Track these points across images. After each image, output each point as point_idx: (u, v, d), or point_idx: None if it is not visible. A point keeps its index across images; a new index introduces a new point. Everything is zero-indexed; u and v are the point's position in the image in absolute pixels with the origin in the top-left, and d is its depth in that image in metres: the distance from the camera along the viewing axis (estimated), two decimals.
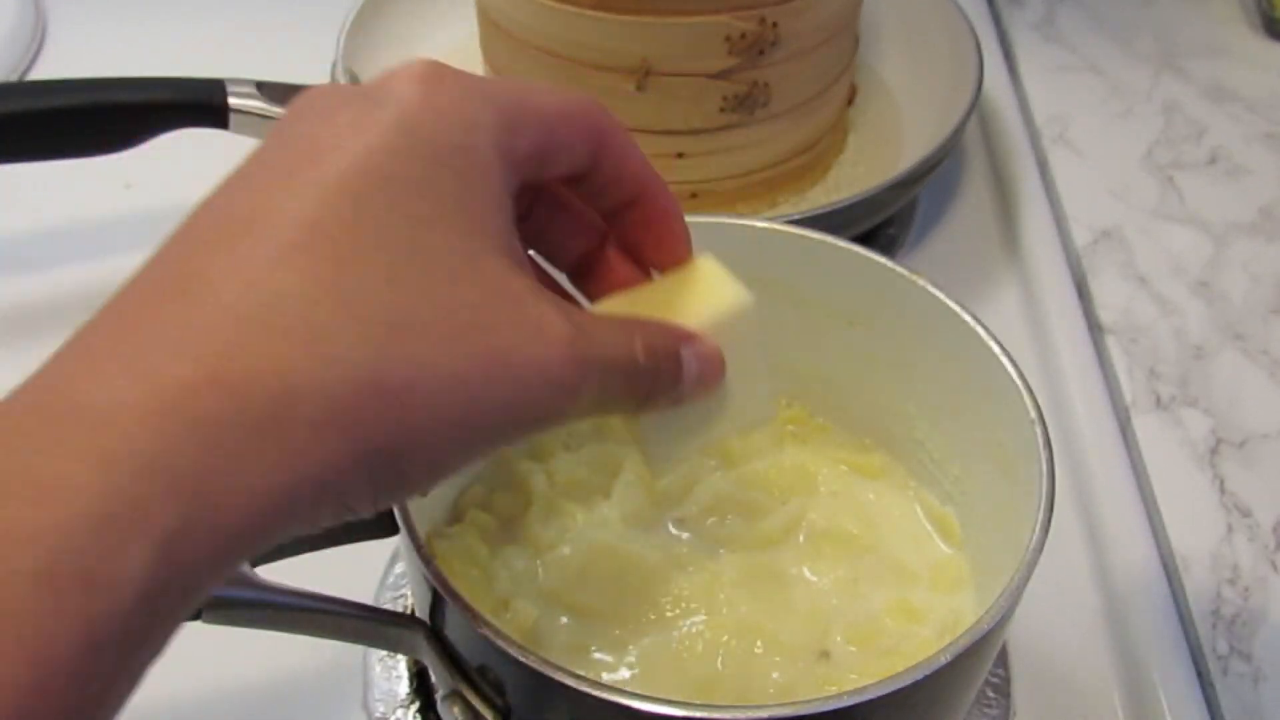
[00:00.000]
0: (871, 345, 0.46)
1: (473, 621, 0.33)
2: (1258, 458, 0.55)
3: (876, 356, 0.46)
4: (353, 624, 0.38)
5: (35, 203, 0.71)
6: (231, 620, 0.37)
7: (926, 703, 0.34)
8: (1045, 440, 0.38)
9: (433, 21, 0.78)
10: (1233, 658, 0.48)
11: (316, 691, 0.48)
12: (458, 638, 0.36)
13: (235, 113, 0.63)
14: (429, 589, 0.35)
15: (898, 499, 0.46)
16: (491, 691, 0.36)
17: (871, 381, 0.47)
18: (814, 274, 0.46)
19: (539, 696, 0.34)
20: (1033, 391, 0.40)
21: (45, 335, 0.27)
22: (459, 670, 0.37)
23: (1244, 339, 0.61)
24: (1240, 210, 0.69)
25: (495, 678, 0.35)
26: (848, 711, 0.31)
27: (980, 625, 0.33)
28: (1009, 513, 0.40)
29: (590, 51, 0.59)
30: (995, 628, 0.33)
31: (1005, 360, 0.41)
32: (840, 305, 0.46)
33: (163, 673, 0.25)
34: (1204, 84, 0.79)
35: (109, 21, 0.87)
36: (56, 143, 0.62)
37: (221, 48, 0.84)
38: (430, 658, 0.38)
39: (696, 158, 0.63)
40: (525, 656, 0.32)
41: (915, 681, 0.32)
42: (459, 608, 0.33)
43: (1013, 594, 0.34)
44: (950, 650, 0.32)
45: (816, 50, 0.62)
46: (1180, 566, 0.51)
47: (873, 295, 0.45)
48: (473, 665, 0.36)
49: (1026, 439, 0.39)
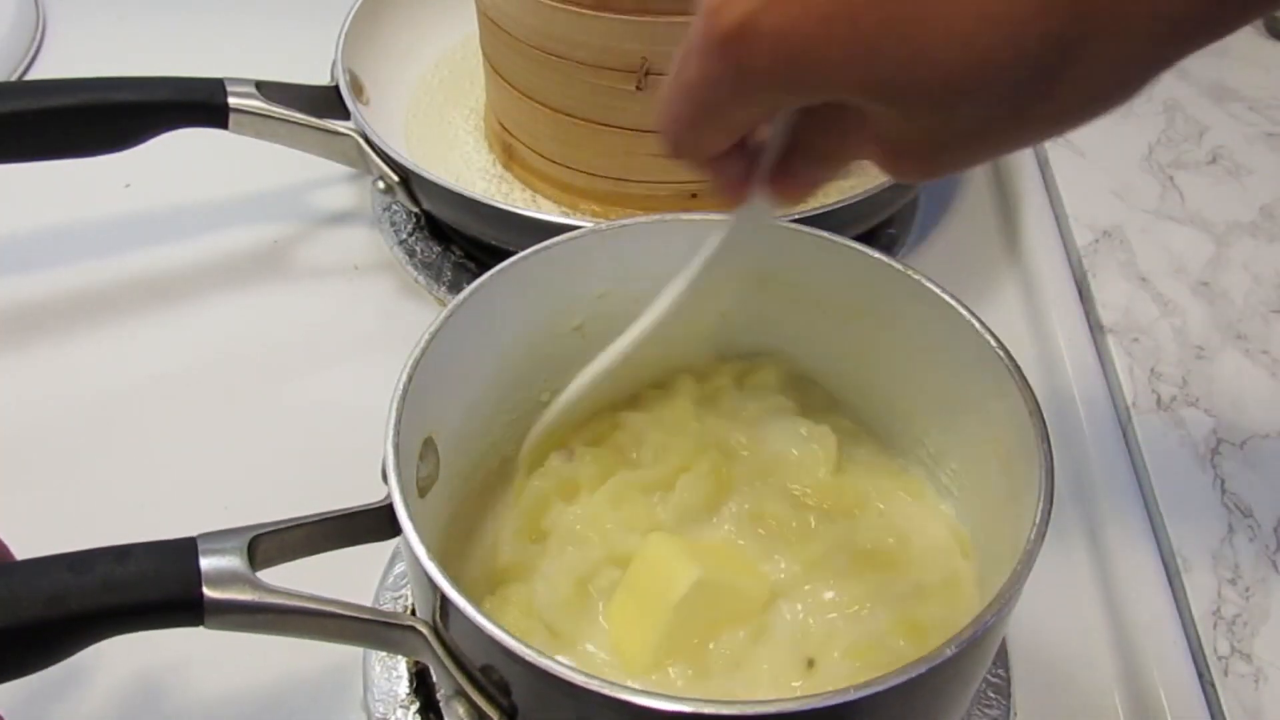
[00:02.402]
0: (871, 341, 0.46)
1: (476, 620, 0.33)
2: (1259, 458, 0.55)
3: (877, 353, 0.46)
4: (356, 627, 0.38)
5: (35, 203, 0.71)
6: (235, 626, 0.37)
7: (930, 696, 0.34)
8: (1043, 434, 0.38)
9: (433, 21, 0.78)
10: (1233, 658, 0.48)
11: (316, 691, 0.48)
12: (461, 638, 0.36)
13: (235, 112, 0.63)
14: (432, 589, 0.35)
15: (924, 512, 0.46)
16: (496, 692, 0.36)
17: (872, 377, 0.47)
18: (816, 271, 0.46)
19: (544, 695, 0.34)
20: (1029, 386, 0.40)
21: (45, 335, 0.27)
22: (463, 671, 0.36)
23: (1245, 339, 0.61)
24: (1241, 210, 0.69)
25: (500, 678, 0.35)
26: (853, 705, 0.31)
27: (983, 618, 0.33)
28: (1009, 509, 0.40)
29: (590, 51, 0.59)
30: (996, 621, 0.33)
31: (1002, 354, 0.41)
32: (840, 301, 0.46)
33: (163, 673, 0.25)
34: (1205, 84, 0.79)
35: (109, 21, 0.87)
36: (56, 143, 0.62)
37: (221, 48, 0.84)
38: (433, 659, 0.37)
39: None
40: (530, 654, 0.32)
41: (920, 674, 0.32)
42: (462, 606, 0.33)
43: (1013, 588, 0.34)
44: (955, 643, 0.32)
45: None
46: (1181, 566, 0.51)
47: (872, 291, 0.45)
48: (476, 666, 0.36)
49: (1025, 434, 0.39)
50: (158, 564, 0.36)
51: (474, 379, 0.45)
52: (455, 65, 0.78)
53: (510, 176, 0.70)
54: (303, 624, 0.37)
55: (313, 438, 0.58)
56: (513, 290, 0.45)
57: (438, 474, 0.43)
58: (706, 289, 0.42)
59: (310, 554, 0.39)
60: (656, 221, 0.46)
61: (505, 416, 0.48)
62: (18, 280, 0.66)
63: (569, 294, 0.47)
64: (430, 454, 0.42)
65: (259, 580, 0.37)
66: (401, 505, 0.36)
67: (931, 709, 0.36)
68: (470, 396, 0.45)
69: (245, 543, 0.37)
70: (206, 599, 0.36)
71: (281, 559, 0.39)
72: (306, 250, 0.69)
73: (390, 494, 0.37)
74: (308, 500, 0.41)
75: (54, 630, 0.35)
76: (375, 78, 0.71)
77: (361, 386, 0.61)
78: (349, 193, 0.72)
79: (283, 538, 0.38)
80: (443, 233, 0.69)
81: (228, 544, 0.37)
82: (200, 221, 0.70)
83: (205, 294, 0.66)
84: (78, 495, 0.55)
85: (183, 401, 0.60)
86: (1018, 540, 0.36)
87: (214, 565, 0.36)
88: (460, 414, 0.44)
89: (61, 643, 0.36)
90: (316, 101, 0.66)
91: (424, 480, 0.42)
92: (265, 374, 0.62)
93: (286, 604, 0.37)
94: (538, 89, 0.63)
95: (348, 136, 0.64)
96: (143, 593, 0.36)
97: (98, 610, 0.36)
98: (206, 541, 0.37)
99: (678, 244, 0.45)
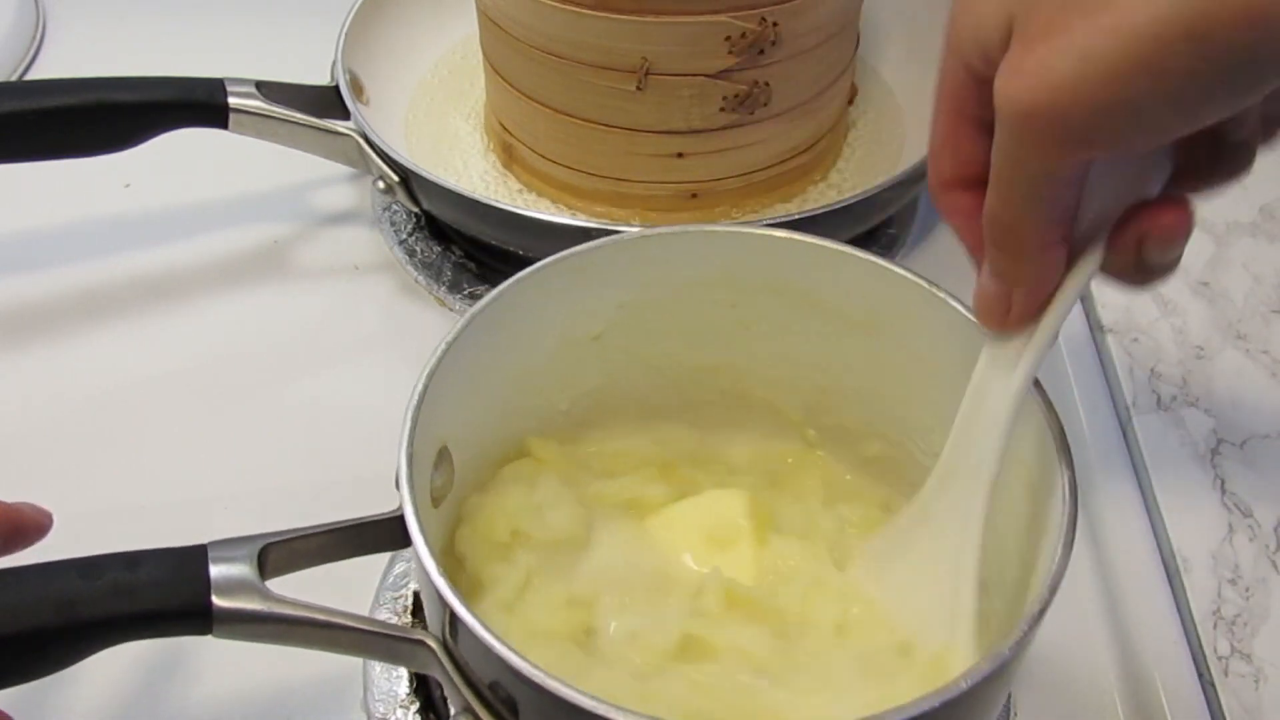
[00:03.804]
0: (881, 351, 0.46)
1: (484, 639, 0.32)
2: (1259, 457, 0.55)
3: (886, 362, 0.46)
4: (365, 640, 0.38)
5: (35, 203, 0.71)
6: (243, 635, 0.37)
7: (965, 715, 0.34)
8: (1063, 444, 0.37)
9: (433, 21, 0.78)
10: (1233, 658, 0.48)
11: (317, 692, 0.48)
12: (469, 654, 0.36)
13: (235, 112, 0.63)
14: (441, 605, 0.34)
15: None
16: (504, 709, 0.35)
17: (882, 388, 0.47)
18: (826, 280, 0.45)
19: (551, 717, 0.33)
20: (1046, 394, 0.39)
21: (45, 335, 0.27)
22: (471, 687, 0.36)
23: (1245, 339, 0.61)
24: (1241, 210, 0.69)
25: (507, 695, 0.35)
26: None
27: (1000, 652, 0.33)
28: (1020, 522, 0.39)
29: (590, 51, 0.59)
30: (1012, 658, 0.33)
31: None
32: (851, 311, 0.45)
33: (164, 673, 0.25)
34: None
35: (109, 21, 0.87)
36: (56, 143, 0.62)
37: (221, 48, 0.84)
38: (442, 675, 0.37)
39: (697, 157, 0.63)
40: (538, 675, 0.32)
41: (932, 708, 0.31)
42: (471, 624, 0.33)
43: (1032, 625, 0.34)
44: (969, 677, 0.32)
45: (817, 49, 0.62)
46: (1181, 566, 0.51)
47: (883, 302, 0.44)
48: (484, 682, 0.35)
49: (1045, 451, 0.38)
50: (168, 572, 0.36)
51: (491, 388, 0.44)
52: (455, 65, 0.78)
53: (510, 176, 0.70)
54: (311, 635, 0.37)
55: (313, 438, 0.58)
56: (532, 299, 0.44)
57: (452, 483, 0.43)
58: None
59: (320, 563, 0.39)
60: (679, 232, 0.45)
61: (521, 425, 0.47)
62: (18, 280, 0.66)
63: (588, 303, 0.46)
64: (445, 463, 0.42)
65: (268, 590, 0.36)
66: (414, 519, 0.35)
67: None
68: (486, 405, 0.44)
69: (255, 551, 0.37)
70: (216, 608, 0.36)
71: (291, 568, 0.38)
72: (306, 250, 0.69)
73: (402, 505, 0.36)
74: (308, 500, 0.41)
75: (62, 637, 0.35)
76: (375, 78, 0.71)
77: (362, 386, 0.61)
78: (349, 193, 0.72)
79: (293, 547, 0.38)
80: (443, 233, 0.69)
81: (238, 552, 0.37)
82: (200, 221, 0.69)
83: (205, 294, 0.66)
84: (76, 495, 0.55)
85: (182, 401, 0.60)
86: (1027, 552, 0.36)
87: (224, 574, 0.36)
88: (476, 423, 0.44)
89: (69, 649, 0.36)
90: (316, 101, 0.66)
91: (438, 490, 0.41)
92: (265, 374, 0.62)
93: (296, 614, 0.36)
94: (538, 89, 0.63)
95: (348, 136, 0.64)
96: (152, 601, 0.35)
97: (106, 618, 0.35)
98: (216, 549, 0.37)
99: (698, 254, 0.45)
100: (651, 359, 0.48)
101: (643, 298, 0.46)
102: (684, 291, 0.45)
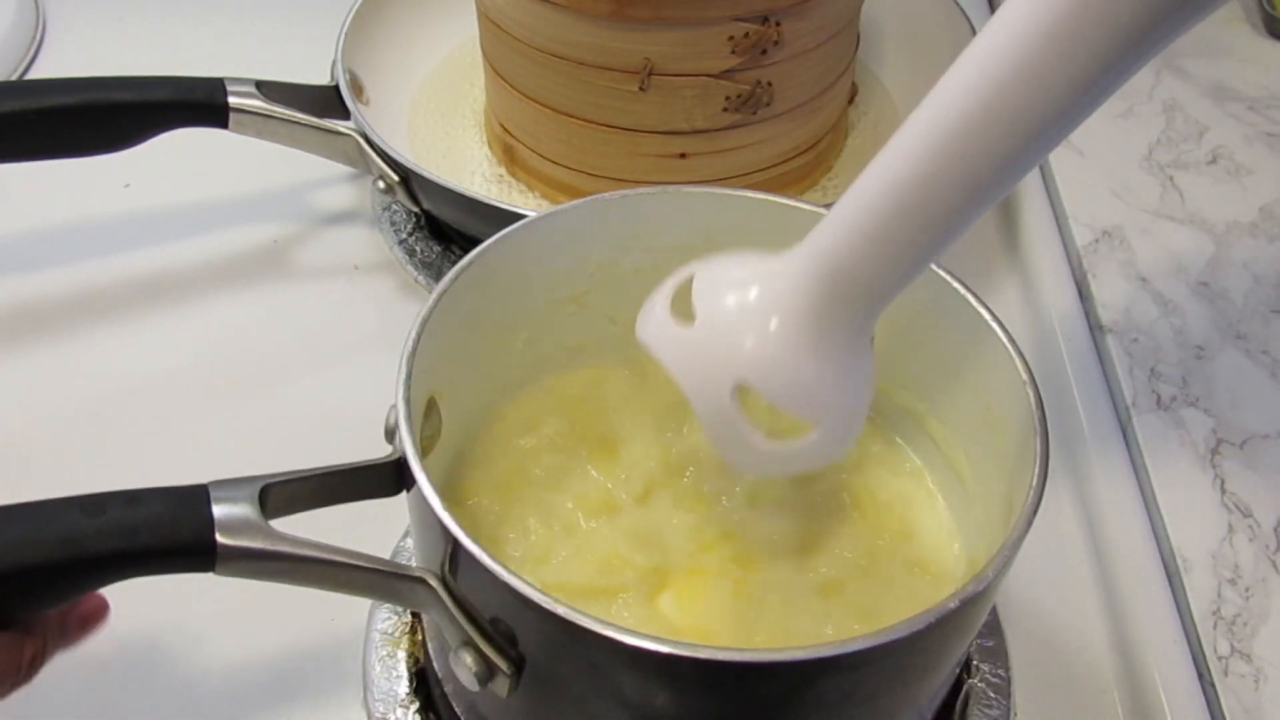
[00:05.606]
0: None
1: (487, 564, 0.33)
2: (1258, 458, 0.55)
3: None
4: (365, 577, 0.38)
5: (35, 203, 0.71)
6: (245, 573, 0.37)
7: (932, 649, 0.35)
8: (1038, 401, 0.39)
9: (433, 22, 0.78)
10: (1233, 658, 0.48)
11: (317, 691, 0.48)
12: (470, 588, 0.36)
13: (235, 112, 0.63)
14: (444, 538, 0.35)
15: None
16: (504, 641, 0.36)
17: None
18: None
19: (552, 641, 0.34)
20: (1024, 355, 0.40)
21: (45, 335, 0.27)
22: (471, 621, 0.37)
23: (1245, 339, 0.61)
24: (1241, 210, 0.69)
25: (507, 627, 0.35)
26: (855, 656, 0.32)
27: (984, 574, 0.33)
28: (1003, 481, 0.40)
29: (593, 52, 0.59)
30: (993, 581, 0.34)
31: (996, 326, 0.41)
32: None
33: (164, 671, 0.25)
34: (1205, 84, 0.79)
35: (109, 21, 0.87)
36: (56, 142, 0.62)
37: (221, 48, 0.84)
38: (441, 610, 0.38)
39: (699, 158, 0.63)
40: (541, 599, 0.32)
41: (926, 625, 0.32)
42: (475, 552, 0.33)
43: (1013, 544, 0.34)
44: (958, 596, 0.33)
45: (819, 49, 0.62)
46: (1181, 566, 0.51)
47: None
48: (485, 616, 0.36)
49: (1019, 404, 0.39)
50: (170, 509, 0.36)
51: (476, 342, 0.45)
52: (455, 65, 0.78)
53: (510, 176, 0.70)
54: (313, 573, 0.37)
55: (312, 438, 0.58)
56: (517, 255, 0.45)
57: (439, 434, 0.43)
58: None
59: (317, 506, 0.39)
60: (659, 192, 0.46)
61: (503, 380, 0.48)
62: (18, 280, 0.66)
63: (572, 261, 0.47)
64: (434, 413, 0.43)
65: (271, 528, 0.37)
66: (414, 456, 0.36)
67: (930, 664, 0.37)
68: (472, 359, 0.45)
69: (256, 491, 0.37)
70: (220, 545, 0.36)
71: (289, 510, 0.39)
72: (306, 250, 0.69)
73: (400, 448, 0.37)
74: None
75: (66, 572, 0.35)
76: (375, 78, 0.71)
77: (361, 386, 0.61)
78: (349, 193, 0.72)
79: (291, 488, 0.38)
80: (443, 233, 0.69)
81: (239, 492, 0.37)
82: (200, 221, 0.70)
83: (205, 294, 0.66)
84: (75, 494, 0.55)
85: (182, 401, 0.60)
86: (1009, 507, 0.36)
87: (227, 512, 0.36)
88: (462, 376, 0.45)
89: (72, 584, 0.36)
90: (316, 101, 0.66)
91: (427, 439, 0.42)
92: (265, 374, 0.62)
93: (298, 552, 0.37)
94: (539, 90, 0.63)
95: (348, 136, 0.64)
96: (156, 537, 0.36)
97: (110, 553, 0.35)
98: (218, 489, 0.37)
99: (679, 215, 0.45)
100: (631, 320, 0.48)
101: (624, 259, 0.47)
102: (662, 254, 0.45)
